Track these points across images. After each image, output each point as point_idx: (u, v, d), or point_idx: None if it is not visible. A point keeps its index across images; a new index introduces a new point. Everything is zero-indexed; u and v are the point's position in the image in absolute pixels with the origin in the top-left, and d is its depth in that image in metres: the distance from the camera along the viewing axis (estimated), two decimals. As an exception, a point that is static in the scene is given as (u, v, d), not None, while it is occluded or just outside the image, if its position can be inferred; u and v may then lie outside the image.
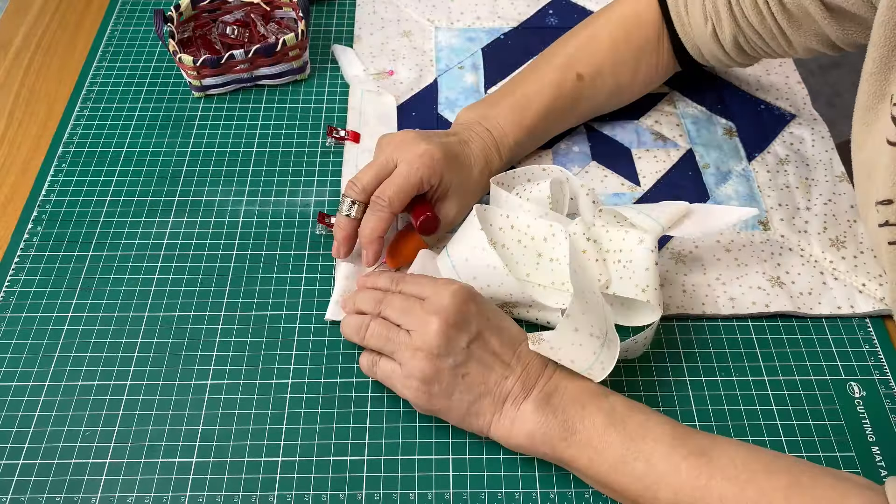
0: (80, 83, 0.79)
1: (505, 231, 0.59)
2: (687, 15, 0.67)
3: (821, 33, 0.60)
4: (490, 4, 0.86)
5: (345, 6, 0.87)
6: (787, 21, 0.61)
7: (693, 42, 0.68)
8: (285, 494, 0.52)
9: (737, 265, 0.64)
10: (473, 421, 0.52)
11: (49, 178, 0.70)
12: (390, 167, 0.60)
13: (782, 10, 0.60)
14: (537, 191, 0.61)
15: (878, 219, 0.52)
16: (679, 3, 0.67)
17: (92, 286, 0.63)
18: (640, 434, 0.48)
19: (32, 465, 0.53)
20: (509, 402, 0.51)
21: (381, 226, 0.59)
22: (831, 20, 0.58)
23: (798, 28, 0.61)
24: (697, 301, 0.61)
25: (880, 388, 0.57)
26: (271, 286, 0.63)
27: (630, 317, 0.58)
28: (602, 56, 0.68)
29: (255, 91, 0.78)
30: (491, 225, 0.59)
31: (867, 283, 0.62)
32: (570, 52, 0.69)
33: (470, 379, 0.51)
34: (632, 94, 0.73)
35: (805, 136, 0.74)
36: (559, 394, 0.51)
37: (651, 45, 0.69)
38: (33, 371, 0.58)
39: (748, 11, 0.62)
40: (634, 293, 0.55)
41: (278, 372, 0.58)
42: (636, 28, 0.69)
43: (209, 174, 0.71)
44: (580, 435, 0.49)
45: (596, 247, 0.58)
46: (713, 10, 0.64)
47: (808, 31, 0.60)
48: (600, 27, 0.70)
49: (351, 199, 0.60)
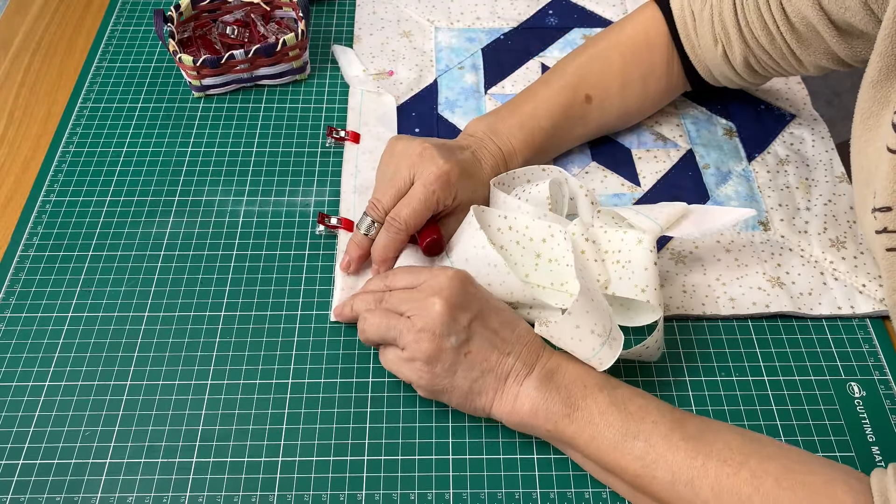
0: (80, 83, 0.79)
1: (503, 232, 0.59)
2: (696, 37, 0.66)
3: (830, 51, 0.60)
4: (490, 5, 0.86)
5: (345, 6, 0.87)
6: (797, 41, 0.60)
7: (704, 64, 0.68)
8: (285, 494, 0.52)
9: (737, 265, 0.64)
10: (476, 400, 0.52)
11: (49, 178, 0.70)
12: (408, 185, 0.60)
13: (791, 31, 0.60)
14: (536, 191, 0.61)
15: (875, 225, 0.53)
16: (688, 26, 0.67)
17: (92, 286, 0.63)
18: (641, 415, 0.49)
19: (32, 465, 0.53)
20: (511, 378, 0.52)
21: (395, 246, 0.60)
22: (839, 38, 0.58)
23: (808, 47, 0.60)
24: (697, 301, 0.61)
25: (880, 388, 0.58)
26: (271, 286, 0.63)
27: (631, 317, 0.58)
28: (611, 79, 0.68)
29: (255, 91, 0.78)
30: (489, 226, 0.59)
31: (867, 284, 0.62)
32: (579, 73, 0.68)
33: (472, 357, 0.52)
34: (640, 115, 0.73)
35: (805, 136, 0.74)
36: (561, 372, 0.52)
37: (660, 67, 0.69)
38: (33, 371, 0.58)
39: (758, 33, 0.62)
40: (634, 293, 0.55)
41: (278, 372, 0.58)
42: (646, 51, 0.68)
43: (209, 174, 0.71)
44: (582, 412, 0.50)
45: (594, 247, 0.58)
46: (722, 32, 0.64)
47: (817, 50, 0.60)
48: (610, 48, 0.69)
49: (372, 219, 0.60)
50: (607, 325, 0.53)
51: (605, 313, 0.53)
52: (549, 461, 0.54)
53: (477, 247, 0.57)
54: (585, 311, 0.52)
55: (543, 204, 0.61)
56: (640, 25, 0.69)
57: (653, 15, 0.69)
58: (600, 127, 0.71)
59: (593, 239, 0.58)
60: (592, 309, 0.53)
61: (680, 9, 0.67)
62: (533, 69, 0.80)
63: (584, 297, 0.52)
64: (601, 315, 0.53)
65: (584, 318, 0.52)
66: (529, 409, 0.51)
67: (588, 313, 0.52)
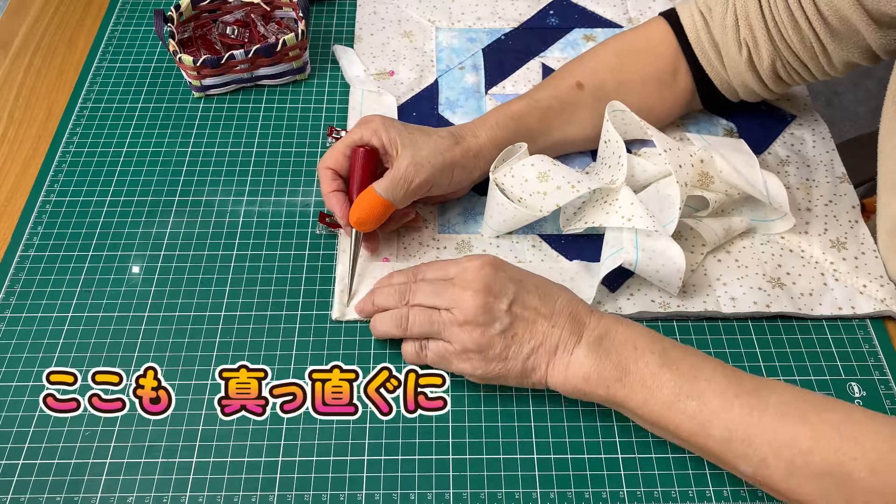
0: (80, 83, 0.79)
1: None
2: (714, 47, 0.66)
3: (863, 45, 0.59)
4: (491, 5, 0.86)
5: (345, 6, 0.87)
6: (830, 35, 0.60)
7: (721, 76, 0.67)
8: (285, 494, 0.52)
9: (737, 266, 0.64)
10: (531, 376, 0.53)
11: (49, 178, 0.70)
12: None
13: (824, 25, 0.59)
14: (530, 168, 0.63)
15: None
16: (702, 38, 0.66)
17: (92, 286, 0.63)
18: (693, 374, 0.50)
19: (32, 465, 0.53)
20: (560, 349, 0.52)
21: (326, 181, 0.62)
22: (876, 29, 0.57)
23: (839, 42, 0.60)
24: (698, 301, 0.61)
25: (880, 388, 0.57)
26: (271, 286, 0.63)
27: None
28: (605, 73, 0.68)
29: (255, 91, 0.78)
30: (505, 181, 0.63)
31: (868, 285, 0.62)
32: (570, 67, 0.69)
33: (519, 338, 0.53)
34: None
35: (806, 137, 0.74)
36: (610, 337, 0.52)
37: (665, 76, 0.68)
38: (33, 371, 0.58)
39: (788, 32, 0.61)
40: (621, 223, 0.59)
41: (278, 372, 0.58)
42: (647, 55, 0.68)
43: (209, 174, 0.71)
44: (634, 375, 0.51)
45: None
46: (749, 35, 0.63)
47: (849, 44, 0.60)
48: (605, 48, 0.69)
49: None
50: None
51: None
52: (549, 461, 0.54)
53: (500, 204, 0.62)
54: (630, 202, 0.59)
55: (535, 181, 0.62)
56: (642, 33, 0.69)
57: (660, 27, 0.68)
58: (593, 120, 0.67)
59: None
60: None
61: (692, 23, 0.67)
62: (534, 69, 0.80)
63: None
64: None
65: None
66: (583, 376, 0.52)
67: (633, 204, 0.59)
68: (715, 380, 0.49)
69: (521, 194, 0.62)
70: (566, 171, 0.62)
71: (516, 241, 0.65)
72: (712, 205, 0.63)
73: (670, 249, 0.59)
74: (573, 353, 0.52)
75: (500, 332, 0.52)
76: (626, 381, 0.51)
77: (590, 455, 0.54)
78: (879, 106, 0.61)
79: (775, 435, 0.46)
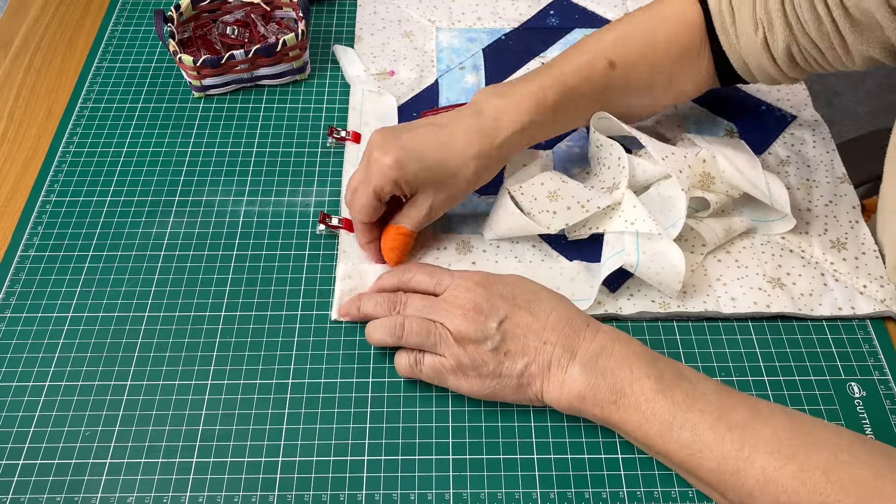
0: (80, 83, 0.79)
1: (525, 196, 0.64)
2: (734, 24, 0.63)
3: (884, 40, 0.57)
4: (491, 5, 0.86)
5: (345, 6, 0.87)
6: (850, 27, 0.57)
7: (738, 54, 0.64)
8: (285, 494, 0.52)
9: (737, 266, 0.64)
10: (527, 391, 0.53)
11: (49, 178, 0.70)
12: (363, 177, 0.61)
13: (845, 16, 0.57)
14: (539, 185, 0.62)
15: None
16: (724, 14, 0.63)
17: (92, 286, 0.63)
18: (688, 403, 0.50)
19: (32, 465, 0.53)
20: (554, 366, 0.52)
21: (364, 233, 0.62)
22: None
23: (860, 34, 0.57)
24: (698, 301, 0.61)
25: (880, 388, 0.57)
26: (271, 286, 0.63)
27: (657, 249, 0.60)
28: (638, 53, 0.64)
29: (255, 91, 0.78)
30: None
31: (868, 285, 0.62)
32: (603, 46, 0.65)
33: (512, 354, 0.53)
34: (664, 99, 0.68)
35: (806, 137, 0.74)
36: (606, 355, 0.52)
37: (692, 51, 0.65)
38: (33, 371, 0.58)
39: (805, 18, 0.58)
40: (624, 227, 0.60)
41: (278, 372, 0.58)
42: (684, 33, 0.64)
43: (209, 174, 0.71)
44: (628, 399, 0.51)
45: None
46: (765, 15, 0.60)
47: (870, 38, 0.57)
48: (639, 22, 0.65)
49: None
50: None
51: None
52: (548, 461, 0.54)
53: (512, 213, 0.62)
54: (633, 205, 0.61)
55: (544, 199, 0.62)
56: (678, 6, 0.65)
57: (689, 1, 0.65)
58: (621, 103, 0.66)
59: None
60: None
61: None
62: (534, 69, 0.80)
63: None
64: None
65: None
66: (577, 395, 0.52)
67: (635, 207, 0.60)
68: (709, 410, 0.49)
69: (530, 209, 0.63)
70: (576, 188, 0.63)
71: (517, 242, 0.65)
72: (713, 205, 0.63)
73: (671, 252, 0.59)
74: (567, 371, 0.52)
75: (492, 349, 0.53)
76: (621, 405, 0.51)
77: (590, 455, 0.54)
78: (879, 106, 0.61)
79: (763, 473, 0.46)
